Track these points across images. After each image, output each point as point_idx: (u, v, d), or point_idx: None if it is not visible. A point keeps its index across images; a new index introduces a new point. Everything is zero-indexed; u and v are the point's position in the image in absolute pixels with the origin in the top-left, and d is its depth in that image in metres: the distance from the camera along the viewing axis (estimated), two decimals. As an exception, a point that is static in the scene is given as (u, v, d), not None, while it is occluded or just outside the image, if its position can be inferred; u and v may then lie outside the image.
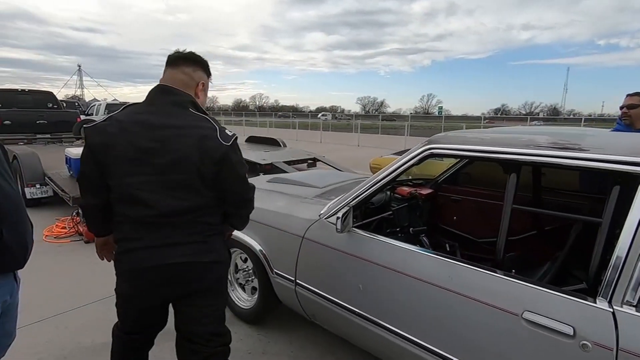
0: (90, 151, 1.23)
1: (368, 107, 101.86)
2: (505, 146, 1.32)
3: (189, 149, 1.18)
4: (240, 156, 1.30)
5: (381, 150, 13.83)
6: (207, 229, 1.29)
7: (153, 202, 1.19)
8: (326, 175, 2.76)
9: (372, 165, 5.54)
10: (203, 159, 1.19)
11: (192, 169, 1.19)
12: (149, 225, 1.22)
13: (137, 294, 1.31)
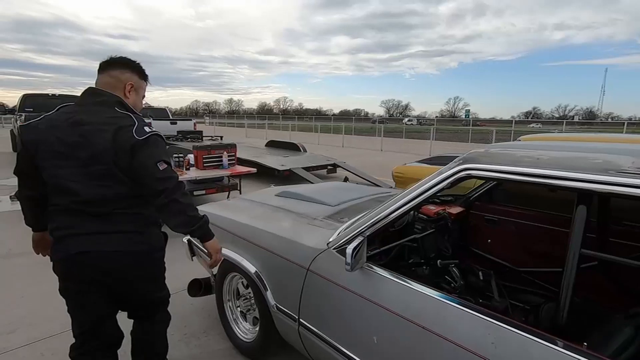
0: (24, 147, 1.36)
1: (392, 110, 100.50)
2: (573, 171, 0.98)
3: (106, 142, 1.30)
4: (154, 151, 1.36)
5: (405, 156, 13.35)
6: (140, 219, 1.41)
7: (79, 190, 1.31)
8: (341, 190, 2.45)
9: (395, 174, 5.17)
10: (117, 150, 1.30)
11: (109, 159, 1.31)
12: (80, 214, 1.33)
13: (72, 280, 1.40)
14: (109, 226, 1.35)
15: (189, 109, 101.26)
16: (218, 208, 2.34)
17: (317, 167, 7.77)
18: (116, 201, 1.35)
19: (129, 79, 1.49)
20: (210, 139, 12.81)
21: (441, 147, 14.83)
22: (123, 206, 1.36)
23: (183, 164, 4.38)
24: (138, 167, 1.32)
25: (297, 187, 2.60)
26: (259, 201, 2.35)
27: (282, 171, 6.93)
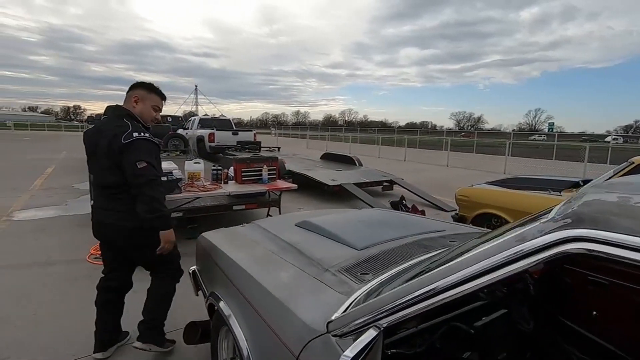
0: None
1: (463, 122, 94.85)
2: None
3: (106, 145, 1.79)
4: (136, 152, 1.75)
5: (473, 173, 12.01)
6: (130, 202, 1.81)
7: (96, 176, 1.91)
8: (376, 224, 1.88)
9: (459, 197, 4.39)
10: (110, 151, 1.78)
11: (109, 157, 1.79)
12: (99, 194, 1.93)
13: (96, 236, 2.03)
14: (110, 204, 1.88)
15: (259, 120, 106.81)
16: (222, 237, 1.94)
17: (371, 183, 7.16)
18: (115, 187, 1.84)
19: (136, 93, 1.96)
20: (268, 150, 12.92)
21: (518, 164, 13.14)
22: (119, 191, 1.84)
23: (221, 177, 4.14)
24: (124, 164, 1.77)
25: (323, 216, 2.09)
26: (273, 232, 1.89)
27: (332, 186, 6.46)
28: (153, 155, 1.82)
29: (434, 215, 5.80)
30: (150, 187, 1.75)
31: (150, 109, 1.99)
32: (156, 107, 2.01)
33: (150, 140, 1.83)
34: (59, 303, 2.75)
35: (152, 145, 1.83)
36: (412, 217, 2.17)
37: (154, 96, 1.99)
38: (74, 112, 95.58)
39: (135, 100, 1.94)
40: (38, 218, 5.07)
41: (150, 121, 2.00)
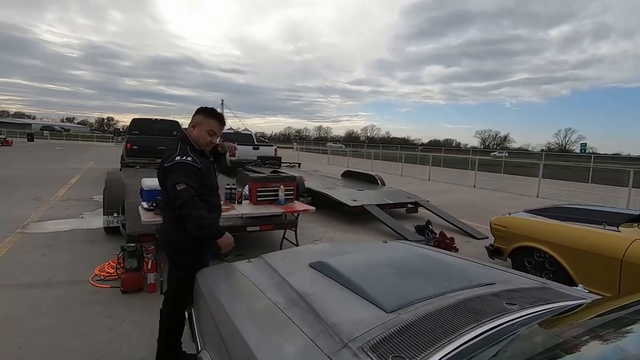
0: None
1: (488, 141, 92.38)
2: None
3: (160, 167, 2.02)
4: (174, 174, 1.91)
5: (504, 196, 11.30)
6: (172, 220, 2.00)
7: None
8: (412, 269, 1.52)
9: (495, 226, 3.93)
10: (161, 173, 2.01)
11: (160, 178, 2.04)
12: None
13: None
14: (162, 220, 2.20)
15: (282, 134, 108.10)
16: (221, 277, 1.64)
17: (395, 204, 6.74)
18: (165, 205, 2.09)
19: (194, 119, 2.09)
20: (288, 165, 12.74)
21: (550, 187, 12.33)
22: (167, 209, 2.10)
23: (235, 197, 3.89)
24: (167, 185, 1.93)
25: (343, 256, 1.76)
26: (282, 274, 1.57)
27: (353, 207, 6.10)
28: (190, 176, 1.91)
29: (463, 244, 5.32)
30: (192, 207, 1.87)
31: (206, 133, 2.06)
32: (212, 131, 2.07)
33: (188, 163, 1.92)
34: (51, 333, 2.50)
35: (189, 166, 1.92)
36: (450, 258, 1.80)
37: (210, 121, 2.07)
38: (107, 124, 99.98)
39: (193, 125, 2.08)
40: (51, 231, 4.97)
41: (206, 145, 2.10)
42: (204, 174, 2.00)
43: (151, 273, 3.15)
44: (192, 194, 1.89)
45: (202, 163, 2.00)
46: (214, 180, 2.18)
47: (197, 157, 1.98)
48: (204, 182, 2.01)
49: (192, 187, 1.90)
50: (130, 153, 9.75)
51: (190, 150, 2.01)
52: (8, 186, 8.54)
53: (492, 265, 1.74)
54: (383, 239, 5.43)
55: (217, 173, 2.44)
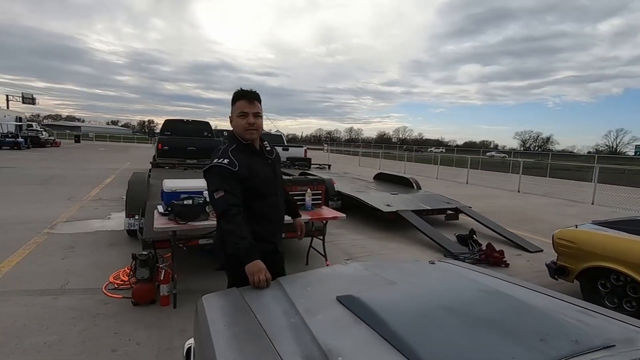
0: None
1: (529, 142, 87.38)
2: None
3: None
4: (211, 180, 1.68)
5: (554, 202, 10.25)
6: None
7: None
8: (488, 315, 1.06)
9: (560, 241, 3.31)
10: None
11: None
12: None
13: None
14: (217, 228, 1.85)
15: (313, 136, 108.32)
16: (225, 308, 1.27)
17: (433, 210, 6.17)
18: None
19: (230, 112, 1.81)
20: (318, 167, 12.38)
21: (606, 192, 11.09)
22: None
23: (257, 201, 3.56)
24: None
25: (381, 289, 1.33)
26: (302, 311, 1.17)
27: (387, 213, 5.61)
28: (228, 181, 1.65)
29: (514, 257, 4.68)
30: (226, 220, 1.62)
31: (239, 119, 1.74)
32: (242, 113, 1.73)
33: (223, 166, 1.65)
34: (51, 351, 2.26)
35: (224, 170, 1.65)
36: (532, 295, 1.31)
37: (237, 104, 1.75)
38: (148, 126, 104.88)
39: (230, 119, 1.81)
40: (76, 232, 4.89)
41: (245, 132, 1.74)
42: (246, 177, 1.69)
43: (164, 284, 2.87)
44: (231, 202, 1.63)
45: (247, 163, 1.70)
46: (269, 183, 1.80)
47: (238, 158, 1.69)
48: (248, 186, 1.70)
49: (232, 193, 1.64)
50: (161, 153, 9.80)
51: (233, 150, 1.73)
52: (48, 186, 8.80)
53: (594, 308, 1.24)
54: (422, 250, 4.92)
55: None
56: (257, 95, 1.78)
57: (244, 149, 1.74)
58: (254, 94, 1.77)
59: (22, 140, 22.18)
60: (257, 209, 1.76)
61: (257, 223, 1.75)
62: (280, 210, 1.89)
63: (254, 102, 1.76)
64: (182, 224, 2.82)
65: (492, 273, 1.68)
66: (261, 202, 1.77)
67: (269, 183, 1.79)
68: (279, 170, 1.94)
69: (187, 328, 2.58)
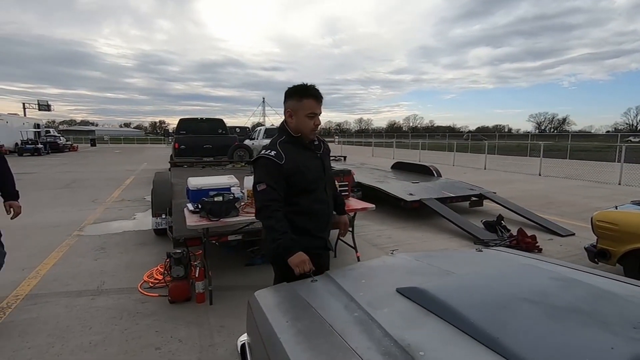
0: None
1: (544, 125, 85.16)
2: None
3: None
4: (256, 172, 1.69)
5: (579, 184, 9.93)
6: None
7: None
8: (568, 304, 1.00)
9: (600, 223, 3.19)
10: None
11: None
12: None
13: None
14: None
15: (322, 129, 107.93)
16: (280, 303, 1.24)
17: (457, 198, 6.05)
18: None
19: (287, 106, 1.72)
20: (333, 159, 12.32)
21: (632, 171, 10.71)
22: None
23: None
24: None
25: (446, 280, 1.28)
26: (364, 305, 1.13)
27: (410, 202, 5.53)
28: (273, 175, 1.63)
29: (546, 242, 4.56)
30: (265, 214, 1.63)
31: (307, 119, 1.68)
32: (311, 113, 1.68)
33: (270, 158, 1.63)
34: (96, 351, 2.29)
35: (271, 163, 1.63)
36: (603, 281, 1.24)
37: (306, 102, 1.67)
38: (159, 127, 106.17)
39: (289, 114, 1.71)
40: (104, 233, 4.97)
41: (311, 132, 1.71)
42: (293, 173, 1.65)
43: (199, 282, 2.88)
44: (272, 197, 1.62)
45: (294, 157, 1.66)
46: (317, 178, 1.74)
47: (286, 151, 1.66)
48: (295, 180, 1.66)
49: (274, 188, 1.62)
50: (179, 153, 9.88)
51: (282, 142, 1.70)
52: (71, 189, 8.99)
53: None
54: (450, 239, 4.83)
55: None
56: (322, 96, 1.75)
57: (293, 141, 1.71)
58: (320, 94, 1.73)
59: (42, 146, 22.73)
60: (305, 204, 1.71)
61: (306, 219, 1.72)
62: (329, 207, 1.83)
63: (321, 102, 1.73)
64: (214, 220, 2.81)
65: (545, 259, 1.61)
66: (308, 197, 1.72)
67: (317, 178, 1.74)
68: (328, 164, 1.88)
69: (226, 324, 2.58)
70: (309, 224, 1.73)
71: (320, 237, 1.78)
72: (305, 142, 1.74)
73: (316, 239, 1.76)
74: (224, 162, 8.98)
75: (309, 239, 1.72)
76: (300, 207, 1.70)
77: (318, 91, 1.71)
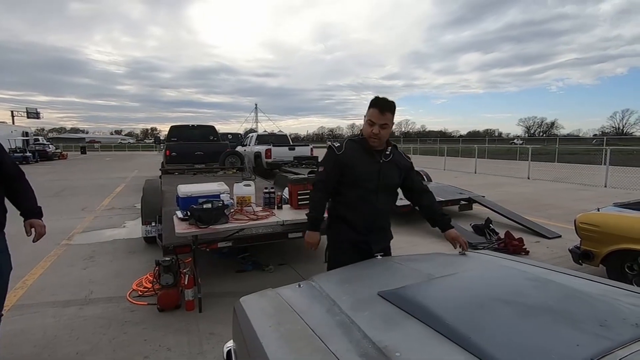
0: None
1: (533, 128, 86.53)
2: None
3: None
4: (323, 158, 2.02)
5: (566, 187, 10.13)
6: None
7: None
8: (542, 303, 1.04)
9: (582, 225, 3.27)
10: None
11: None
12: None
13: None
14: None
15: (315, 134, 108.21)
16: (265, 309, 1.26)
17: (447, 202, 6.12)
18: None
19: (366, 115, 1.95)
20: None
21: (617, 174, 10.94)
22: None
23: (274, 201, 3.55)
24: None
25: (426, 284, 1.31)
26: (345, 310, 1.16)
27: (400, 207, 5.57)
28: (330, 161, 1.93)
29: (533, 244, 4.63)
30: (314, 190, 2.03)
31: (366, 125, 1.91)
32: (370, 120, 1.89)
33: (332, 147, 1.95)
34: (87, 359, 2.28)
35: (331, 151, 1.94)
36: (577, 282, 1.29)
37: (370, 110, 1.89)
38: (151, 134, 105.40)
39: (364, 120, 1.95)
40: (94, 242, 4.93)
41: (369, 138, 1.91)
42: (345, 165, 1.90)
43: (188, 289, 2.88)
44: (321, 178, 1.96)
45: (352, 154, 1.91)
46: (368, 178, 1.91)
47: (349, 147, 1.93)
48: (345, 173, 1.91)
49: (327, 172, 1.94)
50: (170, 160, 9.83)
51: (351, 139, 1.99)
52: (61, 197, 8.89)
53: (634, 289, 1.22)
54: (438, 243, 4.87)
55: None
56: (391, 107, 1.88)
57: (359, 142, 1.94)
58: (388, 104, 1.87)
59: (30, 154, 22.42)
60: (349, 196, 1.94)
61: (348, 210, 1.95)
62: (376, 210, 1.95)
63: (385, 114, 1.86)
64: (203, 227, 2.82)
65: (526, 260, 1.66)
66: (354, 191, 1.92)
67: (369, 178, 1.90)
68: (392, 174, 1.98)
69: (215, 331, 2.58)
70: (351, 217, 1.94)
71: (362, 234, 1.94)
72: (368, 145, 1.92)
73: (357, 233, 1.95)
74: (215, 168, 8.97)
75: (348, 229, 1.95)
76: (346, 199, 1.95)
77: (386, 104, 1.86)
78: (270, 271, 3.80)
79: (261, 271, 3.81)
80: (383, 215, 2.03)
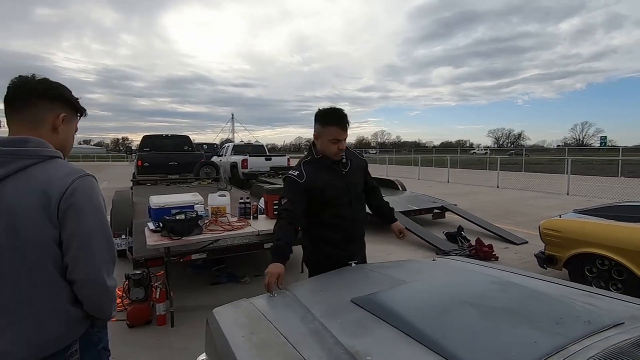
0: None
1: (502, 140, 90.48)
2: None
3: None
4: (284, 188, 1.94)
5: (532, 195, 10.64)
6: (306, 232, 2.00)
7: None
8: (504, 305, 1.09)
9: (546, 231, 3.44)
10: None
11: None
12: None
13: None
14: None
15: (292, 144, 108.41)
16: (238, 319, 1.25)
17: (420, 210, 6.28)
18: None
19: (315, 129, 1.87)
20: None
21: (579, 183, 11.60)
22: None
23: (250, 212, 3.53)
24: None
25: (396, 290, 1.34)
26: (319, 316, 1.17)
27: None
28: (294, 191, 1.80)
29: (502, 250, 4.81)
30: (277, 221, 1.79)
31: (330, 144, 1.79)
32: (334, 140, 1.78)
33: (291, 177, 1.82)
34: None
35: (291, 180, 1.81)
36: (539, 284, 1.36)
37: (329, 129, 1.78)
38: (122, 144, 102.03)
39: (315, 136, 1.85)
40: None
41: (334, 155, 1.83)
42: (312, 190, 1.79)
43: (160, 303, 2.79)
44: (286, 207, 1.80)
45: (315, 176, 1.80)
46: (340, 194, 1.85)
47: (308, 170, 1.82)
48: (316, 196, 1.81)
49: (291, 201, 1.80)
50: (142, 170, 9.58)
51: (306, 162, 1.87)
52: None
53: (597, 292, 1.30)
54: (414, 250, 4.98)
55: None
56: (348, 120, 1.82)
57: (316, 161, 1.85)
58: (345, 120, 1.81)
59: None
60: (327, 217, 1.86)
61: (328, 230, 1.88)
62: (354, 222, 1.90)
63: (346, 129, 1.81)
64: (176, 239, 2.76)
65: (493, 265, 1.74)
66: (330, 211, 1.85)
67: (338, 195, 1.85)
68: (357, 180, 1.96)
69: (189, 346, 2.51)
70: (330, 235, 1.87)
71: (344, 249, 1.89)
72: (328, 162, 1.85)
73: (339, 249, 1.88)
74: (189, 179, 8.79)
75: (331, 249, 1.87)
76: (322, 220, 1.87)
77: (343, 117, 1.80)
78: (246, 282, 3.75)
79: (237, 283, 3.75)
80: (361, 222, 2.01)
